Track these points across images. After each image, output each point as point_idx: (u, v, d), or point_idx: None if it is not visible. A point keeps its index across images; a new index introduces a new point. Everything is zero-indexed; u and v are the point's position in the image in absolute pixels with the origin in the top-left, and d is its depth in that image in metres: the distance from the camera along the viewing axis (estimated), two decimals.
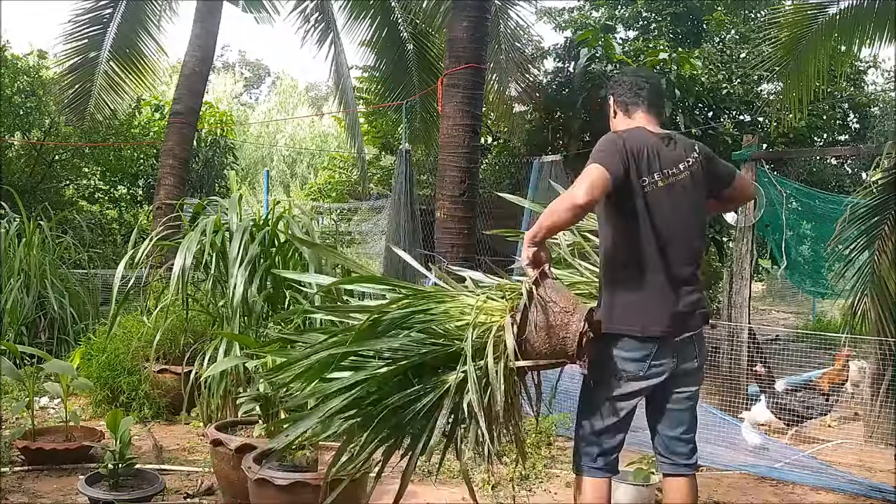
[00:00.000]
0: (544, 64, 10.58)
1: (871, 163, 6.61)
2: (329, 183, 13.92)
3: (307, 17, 8.91)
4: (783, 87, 6.97)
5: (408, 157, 6.12)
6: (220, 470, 3.46)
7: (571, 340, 2.43)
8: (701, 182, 2.58)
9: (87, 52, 8.71)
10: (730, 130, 8.98)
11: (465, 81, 5.27)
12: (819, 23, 6.16)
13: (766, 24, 7.46)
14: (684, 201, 2.54)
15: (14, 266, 6.18)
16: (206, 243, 4.40)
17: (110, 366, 5.01)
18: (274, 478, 2.93)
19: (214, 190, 11.98)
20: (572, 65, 9.73)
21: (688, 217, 2.55)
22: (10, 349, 4.45)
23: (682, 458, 2.61)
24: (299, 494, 2.90)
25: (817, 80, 6.34)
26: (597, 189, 2.38)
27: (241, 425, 3.71)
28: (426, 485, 3.91)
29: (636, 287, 2.51)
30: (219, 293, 4.77)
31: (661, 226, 2.50)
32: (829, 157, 10.99)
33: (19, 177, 10.12)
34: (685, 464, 2.61)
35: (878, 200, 4.59)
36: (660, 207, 2.49)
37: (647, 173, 2.49)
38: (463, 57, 5.29)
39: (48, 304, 6.17)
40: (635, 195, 2.48)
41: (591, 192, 2.36)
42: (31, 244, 6.33)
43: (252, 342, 3.82)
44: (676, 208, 2.52)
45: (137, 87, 9.38)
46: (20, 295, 6.04)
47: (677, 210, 2.52)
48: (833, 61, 6.88)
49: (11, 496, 3.52)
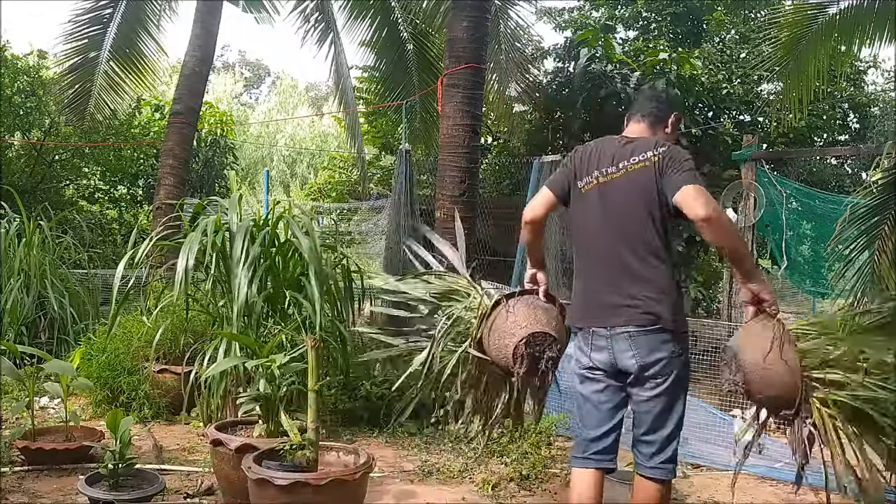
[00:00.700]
0: (544, 64, 10.58)
1: (871, 163, 6.61)
2: (329, 183, 13.91)
3: (307, 17, 8.91)
4: (783, 87, 6.97)
5: (408, 157, 6.11)
6: (220, 470, 3.46)
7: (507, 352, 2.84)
8: (649, 181, 2.59)
9: (87, 52, 8.71)
10: (730, 130, 8.98)
11: (465, 81, 5.27)
12: (819, 23, 6.16)
13: (766, 24, 7.46)
14: (619, 198, 2.64)
15: (14, 266, 6.18)
16: (207, 244, 4.41)
17: (110, 366, 5.01)
18: (274, 478, 2.93)
19: (214, 190, 11.98)
20: (572, 65, 9.73)
21: (623, 213, 2.63)
22: (10, 349, 4.44)
23: (643, 458, 2.66)
24: (299, 494, 2.90)
25: (817, 80, 6.34)
26: (537, 208, 2.82)
27: (241, 425, 3.70)
28: (426, 485, 3.91)
29: (577, 281, 2.80)
30: (219, 293, 4.78)
31: (592, 221, 2.70)
32: (829, 157, 10.99)
33: (19, 177, 10.12)
34: (645, 465, 2.64)
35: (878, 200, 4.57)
36: (593, 205, 2.69)
37: (586, 174, 2.72)
38: (463, 57, 5.29)
39: (48, 304, 6.17)
40: (575, 197, 2.77)
41: (531, 211, 2.83)
42: (31, 244, 6.33)
43: (252, 342, 3.82)
44: (610, 205, 2.65)
45: (137, 87, 9.38)
46: (20, 295, 6.04)
47: (610, 206, 2.65)
48: (833, 61, 6.88)
49: (11, 496, 3.52)
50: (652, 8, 11.22)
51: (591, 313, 2.69)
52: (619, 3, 11.48)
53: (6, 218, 6.55)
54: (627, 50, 10.08)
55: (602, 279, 2.66)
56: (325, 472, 3.07)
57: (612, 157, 2.67)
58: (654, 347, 2.57)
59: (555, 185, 2.80)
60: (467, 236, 5.30)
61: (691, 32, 11.10)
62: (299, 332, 4.24)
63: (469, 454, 4.38)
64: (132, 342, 5.02)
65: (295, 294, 4.52)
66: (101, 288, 6.94)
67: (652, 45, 9.67)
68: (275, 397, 3.47)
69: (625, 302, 2.59)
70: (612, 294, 2.61)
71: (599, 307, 2.65)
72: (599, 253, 2.68)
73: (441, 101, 5.44)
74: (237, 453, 3.29)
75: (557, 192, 2.78)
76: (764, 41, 6.95)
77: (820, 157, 10.74)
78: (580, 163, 2.74)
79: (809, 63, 6.21)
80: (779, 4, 9.07)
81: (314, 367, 3.10)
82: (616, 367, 2.64)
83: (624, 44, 10.69)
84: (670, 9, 10.89)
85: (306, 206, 11.01)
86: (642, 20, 11.42)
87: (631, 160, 2.63)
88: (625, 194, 2.62)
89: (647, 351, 2.57)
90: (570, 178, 2.76)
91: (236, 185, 16.17)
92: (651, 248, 2.60)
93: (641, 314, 2.57)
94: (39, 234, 6.47)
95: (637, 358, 2.58)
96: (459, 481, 3.98)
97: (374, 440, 4.76)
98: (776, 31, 6.41)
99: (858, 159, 10.38)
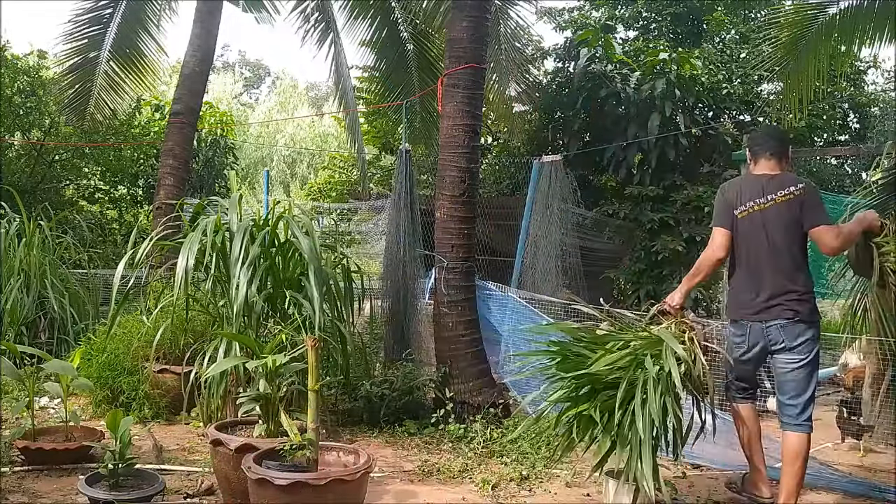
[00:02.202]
0: (544, 64, 10.59)
1: (871, 163, 6.61)
2: (329, 183, 13.93)
3: (307, 17, 8.90)
4: (783, 87, 6.97)
5: (408, 157, 6.11)
6: (220, 470, 3.46)
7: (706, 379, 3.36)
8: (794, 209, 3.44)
9: (87, 52, 8.70)
10: (730, 130, 8.98)
11: (465, 81, 5.26)
12: (819, 23, 6.15)
13: (766, 24, 7.45)
14: (772, 222, 3.47)
15: (14, 266, 6.18)
16: (207, 244, 4.41)
17: (110, 366, 5.01)
18: (274, 478, 2.93)
19: (214, 190, 11.97)
20: (572, 65, 9.74)
21: (773, 234, 3.45)
22: (10, 349, 4.45)
23: (789, 418, 3.44)
24: (299, 494, 2.90)
25: (817, 80, 6.33)
26: (724, 246, 3.55)
27: (241, 425, 3.71)
28: (426, 485, 3.91)
29: (734, 286, 3.61)
30: (219, 293, 4.78)
31: (751, 241, 3.51)
32: (829, 157, 10.99)
33: (19, 177, 10.12)
34: (792, 423, 3.43)
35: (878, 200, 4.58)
36: (754, 227, 3.50)
37: (739, 204, 3.53)
38: (463, 57, 5.28)
39: (48, 304, 6.17)
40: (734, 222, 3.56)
41: (722, 250, 3.56)
42: (31, 244, 6.34)
43: (252, 342, 3.82)
44: (767, 228, 3.47)
45: (137, 87, 9.37)
46: (20, 295, 6.05)
47: (767, 229, 3.47)
48: (833, 61, 6.87)
49: (11, 496, 3.52)
50: (652, 8, 11.22)
51: (746, 312, 3.51)
52: (619, 3, 11.47)
53: (6, 218, 6.55)
54: (627, 50, 10.08)
55: (755, 285, 3.48)
56: (325, 473, 3.07)
57: (762, 190, 3.48)
58: (796, 332, 3.40)
59: (723, 222, 3.55)
60: (467, 236, 5.30)
61: (691, 32, 11.10)
62: (299, 332, 4.24)
63: (469, 454, 4.38)
64: (132, 342, 5.02)
65: (295, 294, 4.53)
66: (101, 288, 6.95)
67: (652, 45, 9.68)
68: (275, 397, 3.47)
69: (772, 304, 3.42)
70: (762, 297, 3.45)
71: (752, 307, 3.48)
72: (753, 263, 3.51)
73: (441, 101, 5.43)
74: (237, 453, 3.29)
75: (727, 225, 3.54)
76: (764, 41, 6.94)
77: (820, 157, 10.74)
78: (733, 197, 3.55)
79: (809, 63, 6.21)
80: (779, 4, 9.06)
81: (314, 367, 3.10)
82: (764, 351, 3.51)
83: (624, 44, 10.69)
84: (670, 9, 10.89)
85: (306, 206, 11.02)
86: (642, 20, 11.42)
87: (778, 193, 3.45)
88: (776, 219, 3.46)
89: (796, 336, 3.40)
90: (731, 213, 3.53)
91: (236, 185, 16.18)
92: (782, 260, 3.44)
93: (785, 310, 3.40)
94: (39, 234, 6.47)
95: (787, 342, 3.41)
96: (459, 481, 3.98)
97: (374, 440, 4.76)
98: (776, 31, 6.40)
99: (858, 159, 10.38)
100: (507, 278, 6.78)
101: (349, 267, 5.26)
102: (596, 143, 9.45)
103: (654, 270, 8.69)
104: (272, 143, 23.91)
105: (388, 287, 5.94)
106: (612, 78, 9.28)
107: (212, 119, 12.57)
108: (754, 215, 3.48)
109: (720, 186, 3.69)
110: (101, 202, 11.86)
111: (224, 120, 13.30)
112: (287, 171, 23.83)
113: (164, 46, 9.19)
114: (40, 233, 6.49)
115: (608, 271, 8.99)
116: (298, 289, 4.64)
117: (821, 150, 10.48)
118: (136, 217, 11.81)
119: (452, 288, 5.21)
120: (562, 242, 6.88)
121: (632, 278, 8.89)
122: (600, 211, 9.08)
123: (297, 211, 5.51)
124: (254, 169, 22.05)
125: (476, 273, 5.62)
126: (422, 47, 9.20)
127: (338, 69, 9.34)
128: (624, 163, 9.12)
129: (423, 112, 9.26)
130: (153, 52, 9.09)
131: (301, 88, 31.48)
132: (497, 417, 4.91)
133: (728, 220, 3.53)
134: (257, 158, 23.17)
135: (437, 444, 4.67)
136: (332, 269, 5.09)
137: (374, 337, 6.03)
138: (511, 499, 3.74)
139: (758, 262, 3.48)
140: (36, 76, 10.62)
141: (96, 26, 8.65)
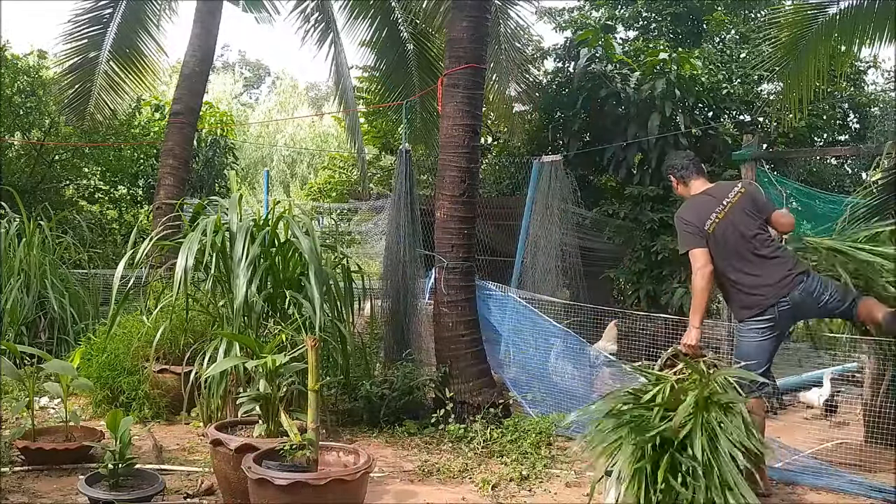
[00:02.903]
0: (544, 64, 10.59)
1: (871, 163, 6.61)
2: (329, 183, 13.93)
3: (307, 17, 8.90)
4: (783, 87, 6.97)
5: (408, 157, 6.10)
6: (220, 470, 3.46)
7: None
8: (747, 203, 3.87)
9: (87, 52, 8.70)
10: (730, 130, 8.98)
11: (465, 81, 5.26)
12: (819, 23, 6.15)
13: (766, 24, 7.45)
14: (737, 220, 3.81)
15: (14, 266, 6.18)
16: (207, 243, 4.41)
17: (110, 366, 5.01)
18: (274, 478, 2.94)
19: (214, 190, 11.97)
20: (572, 65, 9.73)
21: (744, 229, 3.81)
22: (10, 349, 4.45)
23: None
24: (299, 494, 2.90)
25: (817, 80, 6.33)
26: (709, 262, 3.77)
27: (241, 425, 3.71)
28: (426, 485, 3.91)
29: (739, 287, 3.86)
30: (219, 293, 4.78)
31: (727, 244, 3.81)
32: (829, 157, 10.98)
33: (19, 177, 10.12)
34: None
35: (878, 200, 4.59)
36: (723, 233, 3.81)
37: (705, 220, 3.82)
38: (463, 57, 5.28)
39: (48, 304, 6.17)
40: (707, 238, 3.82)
41: (708, 265, 3.76)
42: (31, 244, 6.34)
43: (252, 342, 3.82)
44: (734, 226, 3.81)
45: (137, 87, 9.37)
46: (20, 295, 6.05)
47: (735, 227, 3.81)
48: (833, 61, 6.87)
49: (11, 496, 3.52)
50: (652, 8, 11.21)
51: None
52: (619, 3, 11.46)
53: (6, 218, 6.55)
54: (627, 50, 10.07)
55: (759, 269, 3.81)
56: (325, 473, 3.07)
57: (714, 201, 3.87)
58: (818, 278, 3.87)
59: (698, 242, 3.79)
60: (467, 236, 5.30)
61: (691, 32, 11.09)
62: (299, 332, 4.24)
63: (469, 454, 4.38)
64: (132, 342, 5.02)
65: (295, 294, 4.53)
66: (101, 288, 6.95)
67: (652, 45, 9.67)
68: (275, 397, 3.47)
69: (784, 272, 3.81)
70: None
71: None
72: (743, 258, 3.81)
73: (441, 101, 5.43)
74: (237, 453, 3.30)
75: (702, 245, 3.78)
76: (764, 41, 6.94)
77: (820, 157, 10.73)
78: (698, 216, 3.85)
79: (809, 63, 6.21)
80: (779, 4, 9.06)
81: (314, 367, 3.10)
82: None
83: (624, 44, 10.69)
84: (670, 9, 10.88)
85: (306, 206, 11.02)
86: (642, 20, 11.40)
87: (729, 196, 3.87)
88: (740, 215, 3.83)
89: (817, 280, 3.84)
90: (701, 229, 3.81)
91: (236, 185, 16.18)
92: (752, 244, 3.81)
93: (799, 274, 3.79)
94: (39, 234, 6.47)
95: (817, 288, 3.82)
96: (459, 481, 3.98)
97: (374, 440, 4.76)
98: (776, 31, 6.40)
99: (858, 159, 10.36)
100: (507, 278, 6.79)
101: (349, 267, 5.26)
102: (596, 143, 9.45)
103: (654, 270, 8.69)
104: (272, 143, 23.90)
105: (388, 287, 5.94)
106: (612, 78, 9.27)
107: (212, 119, 12.56)
108: (721, 223, 3.82)
109: (675, 217, 3.99)
110: (101, 202, 11.87)
111: (224, 120, 13.30)
112: (287, 171, 23.82)
113: (164, 46, 9.20)
114: (40, 233, 6.49)
115: (608, 271, 8.99)
116: (298, 289, 4.64)
117: (821, 150, 10.48)
118: (136, 217, 11.81)
119: (452, 288, 5.21)
120: (562, 242, 6.88)
121: (632, 278, 8.89)
122: (600, 211, 9.08)
123: (298, 211, 5.51)
124: (254, 169, 22.04)
125: (476, 273, 5.62)
126: (422, 47, 9.20)
127: (338, 69, 9.34)
128: (624, 163, 9.11)
129: (423, 112, 9.25)
130: (153, 52, 9.10)
131: (301, 88, 31.47)
132: (497, 417, 4.91)
133: (702, 238, 3.80)
134: (257, 158, 23.16)
135: (437, 444, 4.67)
136: (333, 269, 5.09)
137: (374, 337, 6.03)
138: (511, 499, 3.74)
139: (745, 255, 3.79)
140: (36, 76, 10.62)
141: (96, 26, 8.65)
